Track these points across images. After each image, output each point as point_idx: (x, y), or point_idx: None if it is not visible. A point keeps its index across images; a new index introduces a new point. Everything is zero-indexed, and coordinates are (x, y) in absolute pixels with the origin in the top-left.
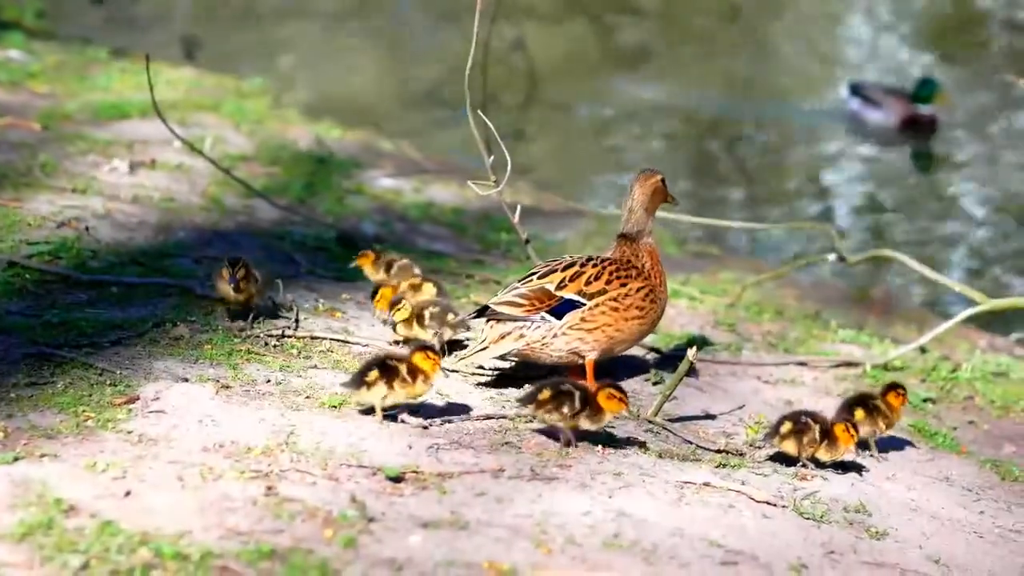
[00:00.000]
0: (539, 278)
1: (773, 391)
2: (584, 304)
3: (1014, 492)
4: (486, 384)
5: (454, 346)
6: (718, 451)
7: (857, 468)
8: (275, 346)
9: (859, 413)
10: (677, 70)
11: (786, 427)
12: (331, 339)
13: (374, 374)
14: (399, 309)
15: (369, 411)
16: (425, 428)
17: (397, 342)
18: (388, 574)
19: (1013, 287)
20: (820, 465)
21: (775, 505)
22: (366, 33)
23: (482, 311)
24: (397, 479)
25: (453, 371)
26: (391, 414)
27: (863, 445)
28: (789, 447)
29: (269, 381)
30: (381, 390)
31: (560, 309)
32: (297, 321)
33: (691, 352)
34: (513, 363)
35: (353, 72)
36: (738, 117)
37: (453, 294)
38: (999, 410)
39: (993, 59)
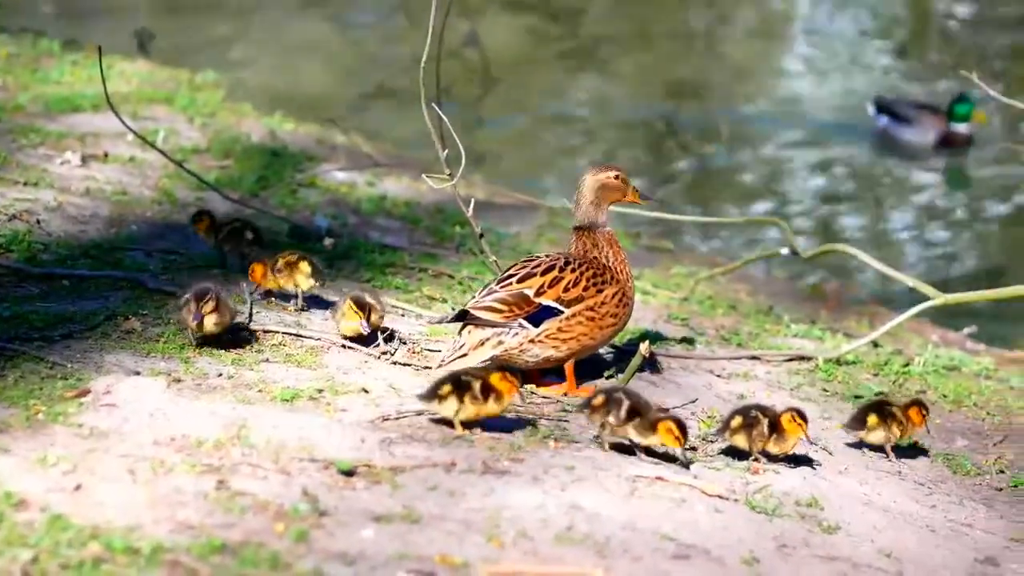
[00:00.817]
0: (518, 281)
1: (726, 385)
2: (562, 312)
3: (966, 486)
4: None
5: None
6: None
7: (809, 462)
8: (227, 339)
9: (873, 419)
10: (635, 67)
11: (736, 421)
12: (283, 333)
13: (447, 388)
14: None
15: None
16: (374, 422)
17: (348, 337)
18: (340, 568)
19: (968, 282)
20: (772, 459)
21: (727, 499)
22: (320, 26)
23: (460, 315)
24: (349, 473)
25: (404, 366)
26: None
27: (879, 450)
28: (740, 441)
29: (221, 375)
30: (453, 405)
31: (538, 316)
32: (250, 315)
33: (643, 346)
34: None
35: (307, 65)
36: (696, 115)
37: (406, 288)
38: (951, 404)
39: (958, 59)
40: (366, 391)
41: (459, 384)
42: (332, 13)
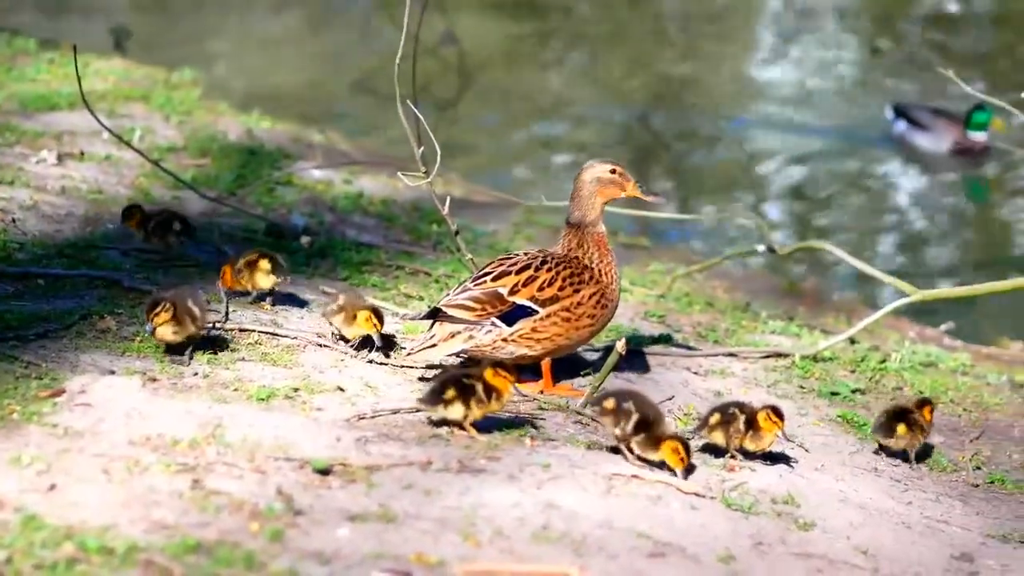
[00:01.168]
0: (492, 279)
1: (703, 382)
2: (536, 312)
3: (942, 482)
4: (416, 377)
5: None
6: None
7: (786, 459)
8: (203, 338)
9: (901, 428)
10: (623, 66)
11: (715, 418)
12: (259, 331)
13: (452, 392)
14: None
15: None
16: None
17: (347, 340)
18: (315, 567)
19: (945, 279)
20: (749, 456)
21: (703, 497)
22: (297, 23)
23: (432, 313)
24: (325, 472)
25: (380, 364)
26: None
27: (902, 456)
28: (718, 438)
29: (196, 374)
30: (459, 409)
31: (512, 315)
32: (226, 313)
33: (620, 344)
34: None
35: (284, 63)
36: (688, 115)
37: (382, 286)
38: None
39: (933, 54)
40: (342, 390)
41: (463, 387)
42: (309, 9)
